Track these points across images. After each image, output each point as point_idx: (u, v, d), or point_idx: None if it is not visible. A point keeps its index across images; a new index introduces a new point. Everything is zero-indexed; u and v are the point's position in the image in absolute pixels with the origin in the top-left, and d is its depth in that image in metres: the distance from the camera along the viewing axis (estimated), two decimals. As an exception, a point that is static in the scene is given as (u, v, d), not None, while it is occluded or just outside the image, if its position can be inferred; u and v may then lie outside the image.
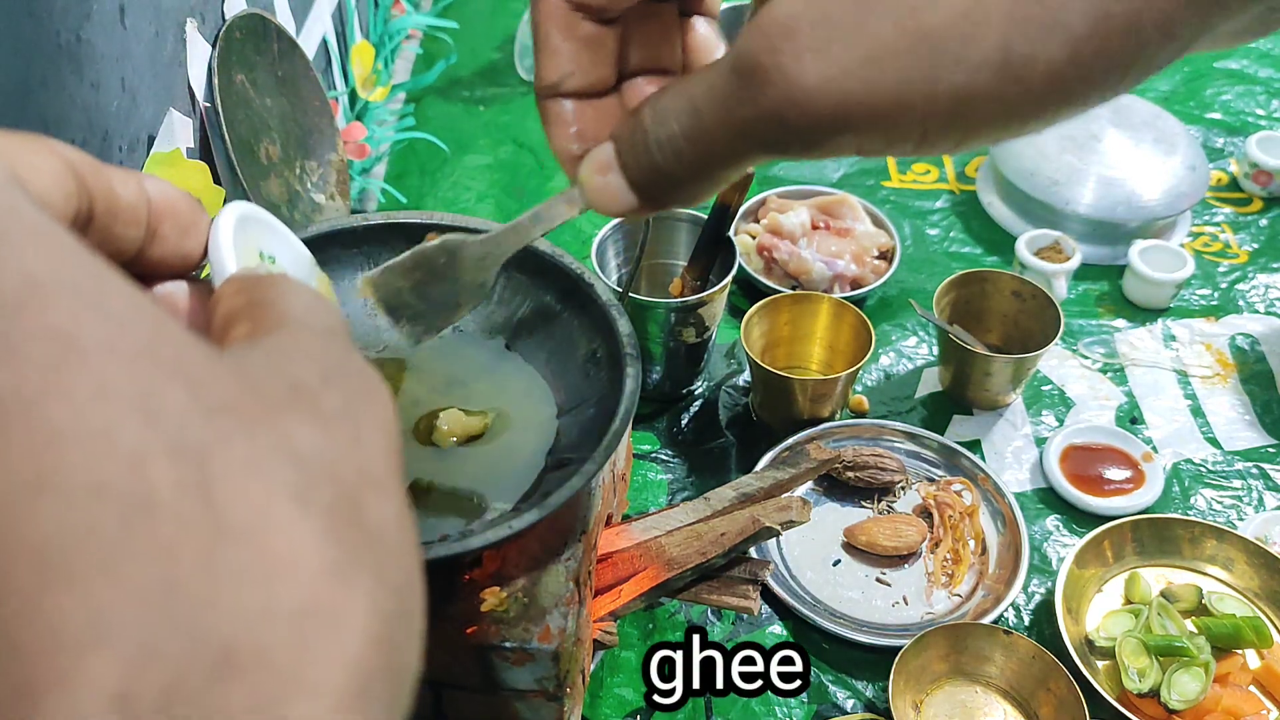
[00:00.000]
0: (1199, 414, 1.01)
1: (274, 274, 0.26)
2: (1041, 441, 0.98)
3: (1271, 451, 0.98)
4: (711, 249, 0.94)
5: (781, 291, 1.01)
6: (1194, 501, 0.94)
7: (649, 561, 0.71)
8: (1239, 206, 1.24)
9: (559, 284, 0.71)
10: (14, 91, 0.60)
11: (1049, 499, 0.94)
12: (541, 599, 0.62)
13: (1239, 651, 0.81)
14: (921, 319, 1.08)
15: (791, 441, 0.94)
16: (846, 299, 1.01)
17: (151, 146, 0.78)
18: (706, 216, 0.94)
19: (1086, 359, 1.06)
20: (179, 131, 0.81)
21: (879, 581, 0.87)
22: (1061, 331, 0.95)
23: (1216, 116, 1.36)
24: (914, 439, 0.96)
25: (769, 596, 0.85)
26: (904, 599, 0.86)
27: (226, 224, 0.29)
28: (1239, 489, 0.95)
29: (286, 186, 0.98)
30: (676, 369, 0.98)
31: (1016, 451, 0.98)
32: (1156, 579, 0.87)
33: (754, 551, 0.84)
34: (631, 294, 0.86)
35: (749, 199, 1.14)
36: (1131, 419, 1.01)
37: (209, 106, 0.87)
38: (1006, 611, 0.85)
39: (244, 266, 0.28)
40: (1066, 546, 0.89)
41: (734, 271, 0.93)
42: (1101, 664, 0.81)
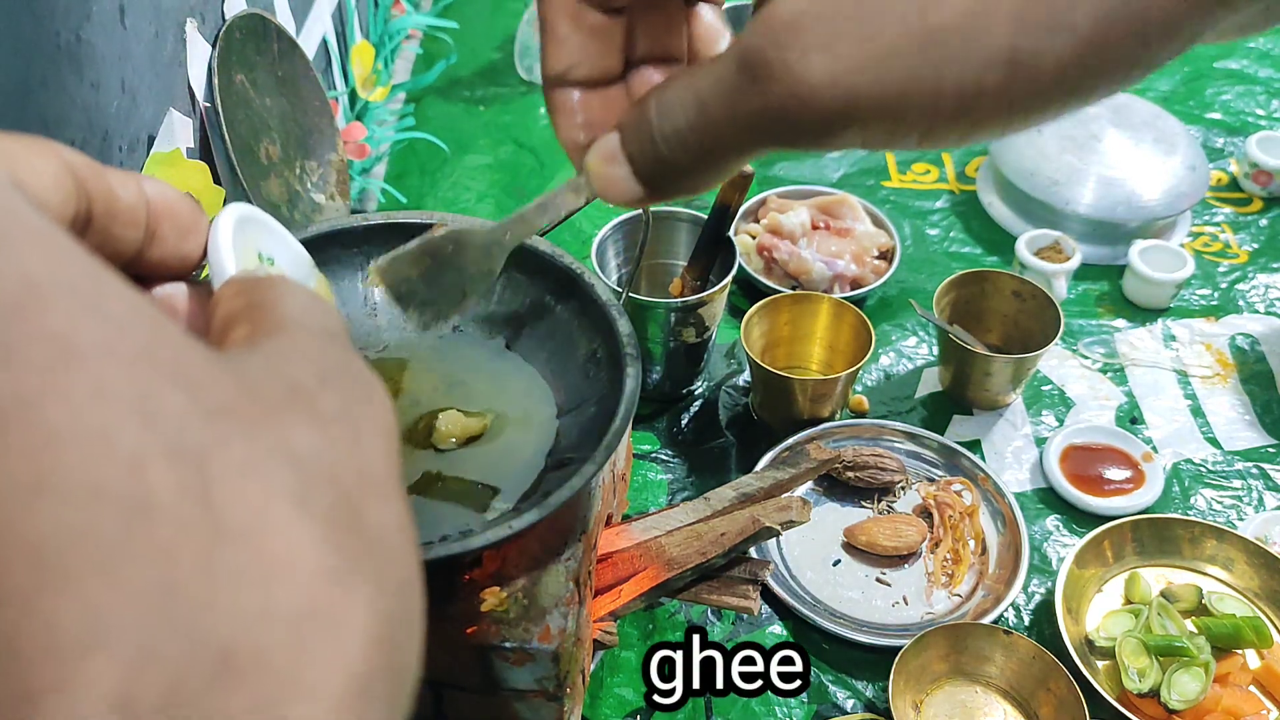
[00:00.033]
0: (1199, 414, 1.01)
1: (273, 276, 0.26)
2: (1041, 441, 0.98)
3: (1271, 451, 0.98)
4: (711, 249, 0.94)
5: (781, 291, 1.01)
6: (1194, 501, 0.94)
7: (649, 561, 0.71)
8: (1239, 206, 1.24)
9: (559, 284, 0.71)
10: (14, 91, 0.60)
11: (1049, 499, 0.94)
12: (541, 599, 0.62)
13: (1239, 651, 0.81)
14: (921, 319, 1.08)
15: (791, 441, 0.94)
16: (846, 299, 1.01)
17: (151, 147, 0.78)
18: (706, 216, 0.94)
19: (1086, 359, 1.06)
20: (179, 132, 0.81)
21: (879, 581, 0.87)
22: (1061, 331, 0.95)
23: (1216, 116, 1.36)
24: (914, 439, 0.96)
25: (769, 596, 0.85)
26: (904, 599, 0.86)
27: (225, 226, 0.29)
28: (1239, 489, 0.95)
29: (286, 186, 0.98)
30: (676, 369, 0.98)
31: (1016, 451, 0.98)
32: (1156, 579, 0.87)
33: (754, 551, 0.84)
34: (631, 294, 0.86)
35: (749, 199, 1.14)
36: (1131, 419, 1.01)
37: (209, 106, 0.87)
38: (1006, 611, 0.85)
39: (243, 268, 0.28)
40: (1066, 546, 0.89)
41: (734, 271, 0.93)
42: (1101, 664, 0.81)
